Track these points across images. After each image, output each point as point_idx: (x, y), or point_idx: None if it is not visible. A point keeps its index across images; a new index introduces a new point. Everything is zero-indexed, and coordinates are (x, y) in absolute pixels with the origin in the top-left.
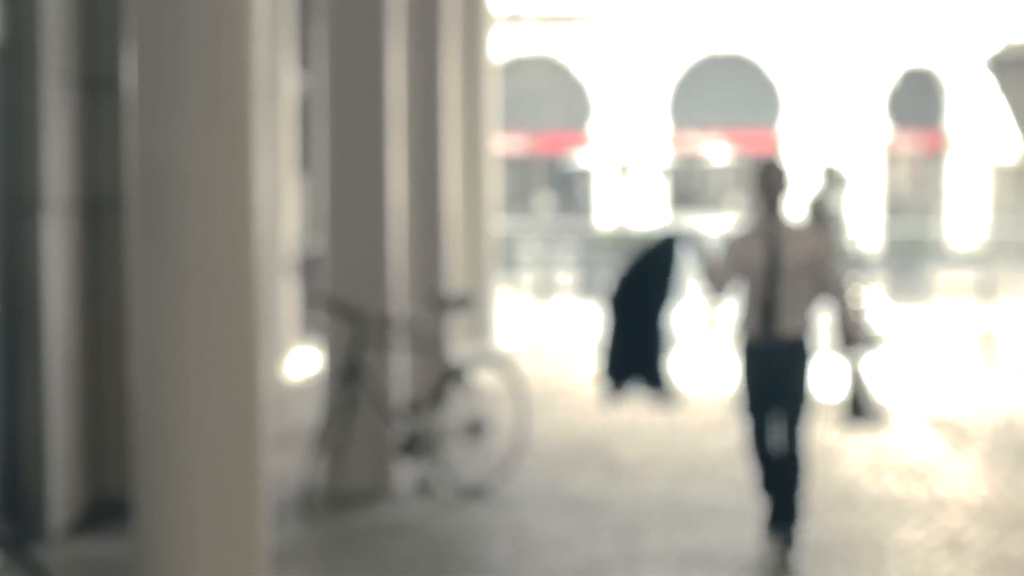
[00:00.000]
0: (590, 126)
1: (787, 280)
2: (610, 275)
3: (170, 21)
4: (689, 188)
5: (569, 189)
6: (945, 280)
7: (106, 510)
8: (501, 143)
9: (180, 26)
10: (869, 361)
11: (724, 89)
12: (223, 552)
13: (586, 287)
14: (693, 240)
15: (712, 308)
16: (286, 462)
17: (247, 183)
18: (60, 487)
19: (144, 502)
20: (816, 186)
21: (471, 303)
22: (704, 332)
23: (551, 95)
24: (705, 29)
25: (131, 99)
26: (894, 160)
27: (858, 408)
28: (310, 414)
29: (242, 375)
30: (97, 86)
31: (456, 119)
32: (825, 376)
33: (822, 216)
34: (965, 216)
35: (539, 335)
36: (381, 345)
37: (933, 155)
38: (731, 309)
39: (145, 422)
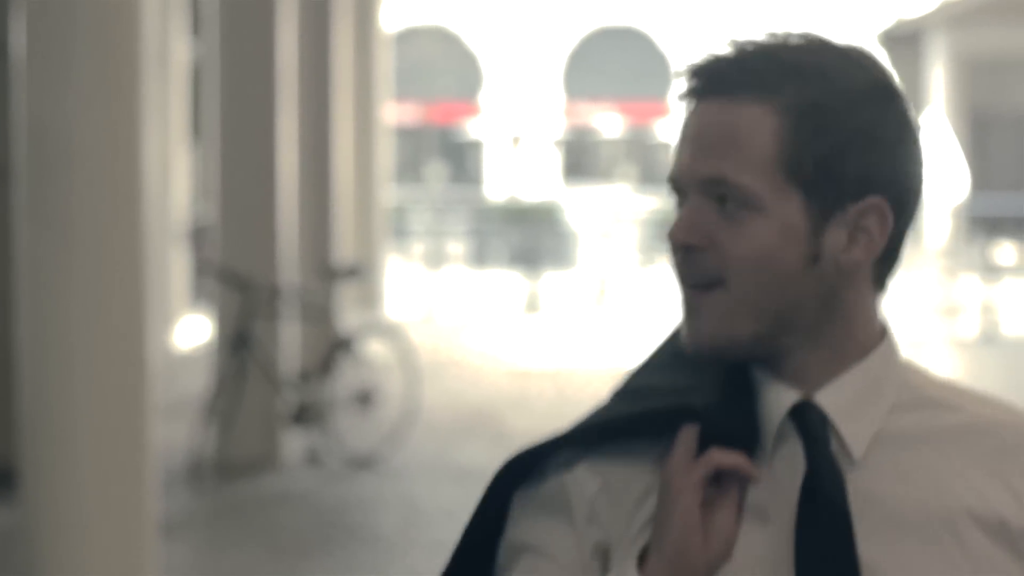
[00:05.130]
0: (482, 96)
1: None
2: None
3: None
4: (581, 159)
5: (461, 159)
6: None
7: None
8: (393, 113)
9: None
10: None
11: (616, 60)
12: (111, 521)
13: (477, 257)
14: None
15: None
16: (174, 431)
17: (136, 151)
18: None
19: (31, 470)
20: None
21: (361, 273)
22: (594, 303)
23: (443, 65)
24: (598, 0)
25: (19, 65)
26: None
27: None
28: (199, 383)
29: (130, 344)
30: None
31: (347, 88)
32: None
33: None
34: None
35: (430, 305)
36: (270, 314)
37: None
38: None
39: (32, 390)
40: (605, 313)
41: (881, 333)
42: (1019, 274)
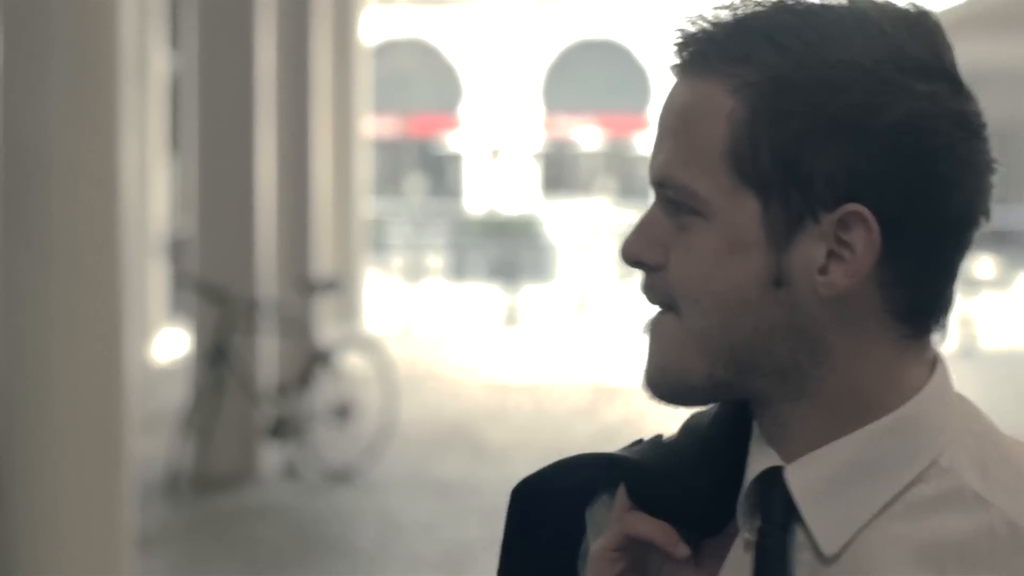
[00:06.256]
0: (461, 109)
1: None
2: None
3: None
4: (560, 172)
5: (440, 172)
6: None
7: None
8: (372, 125)
9: (46, 4)
10: None
11: (595, 73)
12: (87, 534)
13: (456, 270)
14: None
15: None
16: (153, 444)
17: (114, 163)
18: None
19: (7, 484)
20: None
21: (340, 286)
22: (573, 317)
23: (422, 78)
24: (576, 13)
25: None
26: None
27: None
28: (177, 396)
29: (107, 356)
30: None
31: (326, 101)
32: None
33: None
34: None
35: (409, 318)
36: (248, 327)
37: None
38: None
39: (9, 403)
40: (584, 326)
41: (909, 392)
42: (998, 288)
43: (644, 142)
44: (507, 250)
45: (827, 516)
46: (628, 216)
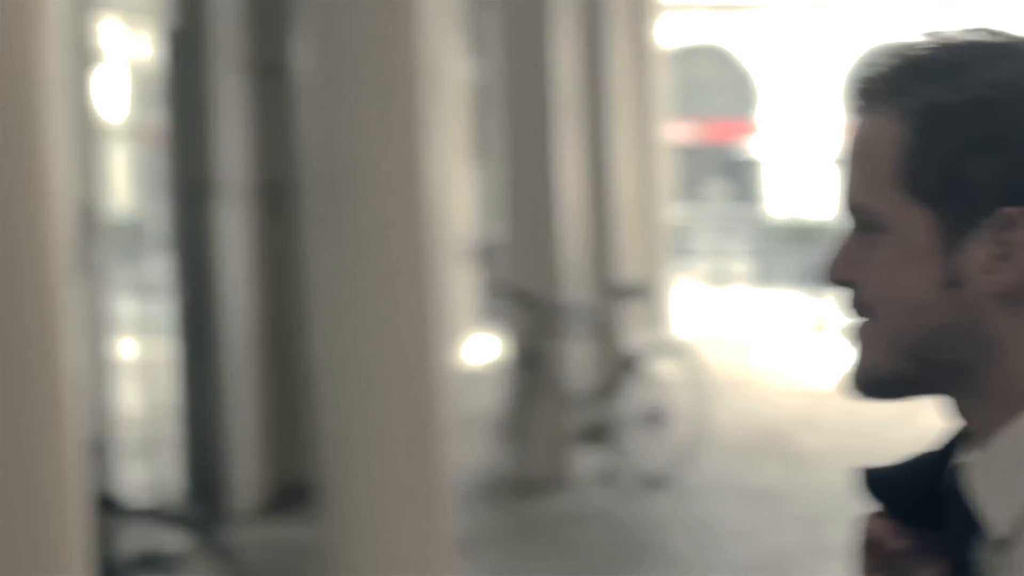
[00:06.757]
0: (759, 114)
1: None
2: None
3: (341, 7)
4: None
5: (739, 178)
6: None
7: (294, 493)
8: (672, 131)
9: (350, 12)
10: None
11: None
12: (409, 537)
13: (762, 276)
14: None
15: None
16: (465, 448)
17: (420, 169)
18: (246, 470)
19: (328, 487)
20: None
21: (645, 291)
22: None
23: (720, 83)
24: (876, 15)
25: (303, 86)
26: None
27: None
28: (488, 401)
29: (419, 360)
30: (270, 72)
31: (626, 107)
32: None
33: None
34: None
35: (715, 324)
36: (558, 333)
37: None
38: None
39: (326, 407)
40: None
41: None
42: None
43: None
44: (812, 256)
45: (994, 504)
46: None
